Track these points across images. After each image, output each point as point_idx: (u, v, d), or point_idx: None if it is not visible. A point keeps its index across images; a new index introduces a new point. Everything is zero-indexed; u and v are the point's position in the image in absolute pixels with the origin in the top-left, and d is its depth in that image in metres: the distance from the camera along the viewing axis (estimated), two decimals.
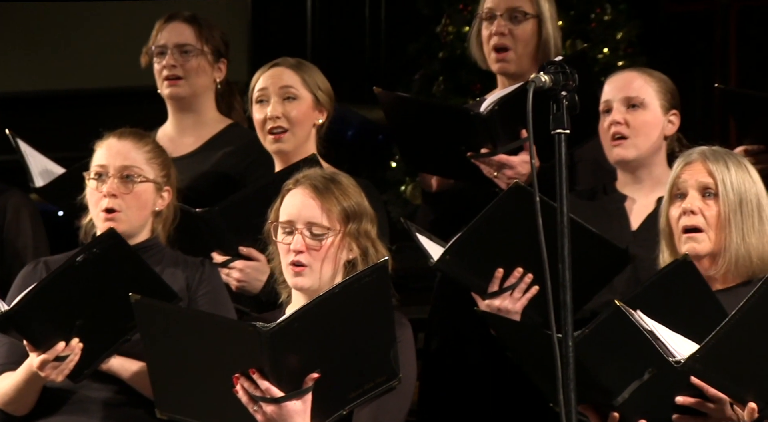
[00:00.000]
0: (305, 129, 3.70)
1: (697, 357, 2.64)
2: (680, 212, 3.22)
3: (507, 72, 3.82)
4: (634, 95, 3.57)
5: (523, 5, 3.81)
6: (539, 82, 2.60)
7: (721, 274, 3.21)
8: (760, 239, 3.19)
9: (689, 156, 3.28)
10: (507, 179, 3.56)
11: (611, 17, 6.01)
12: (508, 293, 3.35)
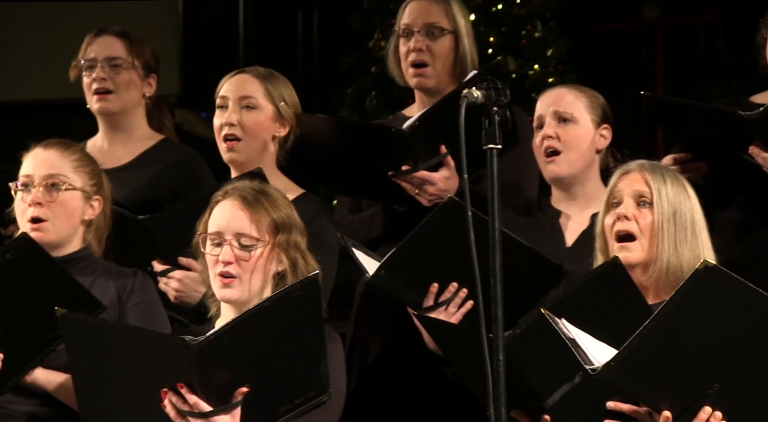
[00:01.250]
0: (260, 140, 3.67)
1: (612, 365, 2.65)
2: (614, 218, 3.26)
3: (425, 87, 3.85)
4: (564, 110, 3.61)
5: (440, 21, 3.84)
6: (471, 97, 2.61)
7: (652, 282, 3.24)
8: (692, 252, 3.22)
9: (628, 166, 3.32)
10: (429, 195, 3.58)
11: (542, 34, 6.06)
12: (443, 308, 3.37)
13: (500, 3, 6.11)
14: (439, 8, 3.85)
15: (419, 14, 3.85)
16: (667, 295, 3.22)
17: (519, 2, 6.16)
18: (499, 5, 6.09)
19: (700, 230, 3.25)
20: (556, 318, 2.81)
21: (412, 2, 3.89)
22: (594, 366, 2.68)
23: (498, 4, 6.10)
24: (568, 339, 2.76)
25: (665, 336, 2.59)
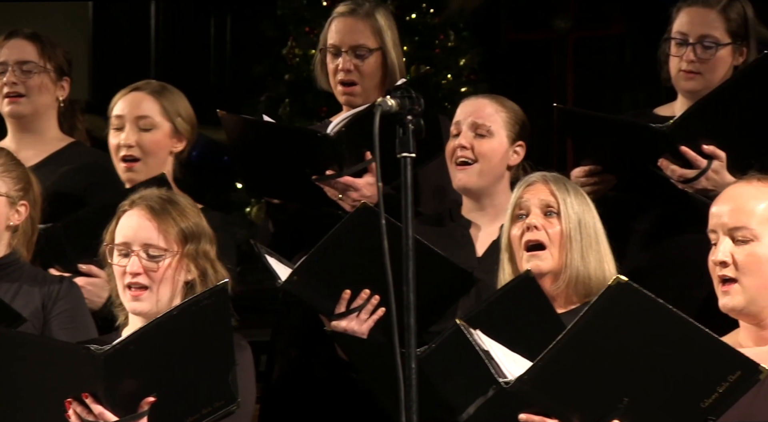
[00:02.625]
0: (159, 158, 3.66)
1: (525, 378, 2.67)
2: (523, 229, 3.29)
3: (354, 105, 3.85)
4: (482, 122, 3.63)
5: (367, 42, 3.83)
6: (386, 106, 2.62)
7: (562, 291, 3.28)
8: (597, 261, 3.27)
9: (530, 178, 3.36)
10: (352, 201, 3.58)
11: (454, 44, 6.10)
12: (354, 315, 3.36)
13: (414, 12, 6.14)
14: (365, 26, 3.83)
15: (346, 34, 3.83)
16: (575, 304, 3.28)
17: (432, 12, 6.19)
18: (413, 14, 6.12)
19: (602, 239, 3.30)
20: (471, 329, 2.82)
21: (338, 19, 3.87)
22: (507, 378, 2.70)
23: (411, 14, 6.13)
24: (482, 350, 2.78)
25: (577, 350, 2.62)
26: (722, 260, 2.90)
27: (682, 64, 3.65)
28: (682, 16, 3.68)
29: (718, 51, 3.63)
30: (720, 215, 2.95)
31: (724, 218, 2.93)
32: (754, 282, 2.89)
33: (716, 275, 2.93)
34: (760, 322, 2.93)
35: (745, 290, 2.89)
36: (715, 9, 3.64)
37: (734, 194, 2.99)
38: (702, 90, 3.67)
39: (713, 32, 3.63)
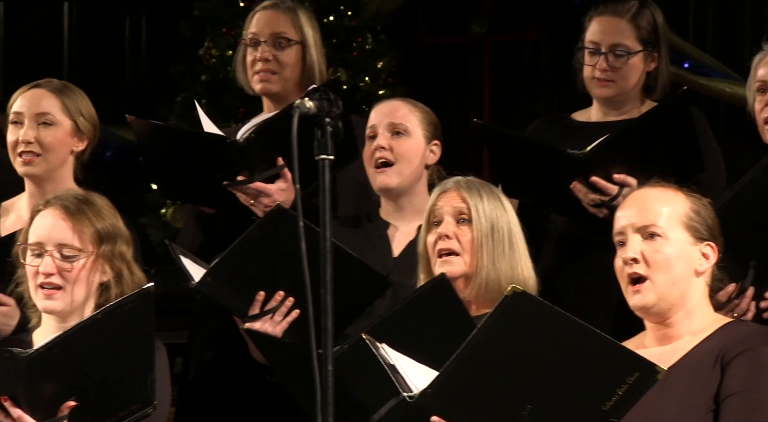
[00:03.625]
0: (59, 156, 3.59)
1: (429, 392, 2.69)
2: (436, 237, 3.32)
3: (270, 92, 3.84)
4: (399, 122, 3.66)
5: (288, 32, 3.84)
6: (304, 108, 2.61)
7: (473, 297, 3.32)
8: (509, 265, 3.31)
9: (445, 185, 3.39)
10: (263, 207, 3.57)
11: (372, 47, 6.12)
12: (268, 316, 3.36)
13: (332, 15, 6.14)
14: (287, 19, 3.84)
15: (266, 24, 3.83)
16: (488, 308, 3.30)
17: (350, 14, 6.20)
18: (331, 17, 6.12)
19: (517, 242, 3.33)
20: (377, 342, 2.83)
21: (259, 12, 3.87)
22: (411, 393, 2.71)
23: (330, 16, 6.12)
24: (388, 365, 2.79)
25: (477, 361, 2.65)
26: (633, 256, 2.95)
27: (596, 73, 3.71)
28: (593, 26, 3.74)
29: (629, 59, 3.69)
30: (627, 217, 3.00)
31: (632, 219, 2.99)
32: (663, 278, 2.94)
33: (625, 275, 2.98)
34: (666, 320, 2.98)
35: (656, 287, 2.94)
36: (625, 18, 3.70)
37: (640, 196, 3.04)
38: (615, 96, 3.73)
39: (624, 41, 3.69)
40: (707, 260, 2.99)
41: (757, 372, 2.83)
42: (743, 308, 3.27)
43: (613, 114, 3.78)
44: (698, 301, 2.99)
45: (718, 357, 2.89)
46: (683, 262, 2.96)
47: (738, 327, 2.99)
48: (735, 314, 3.25)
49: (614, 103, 3.76)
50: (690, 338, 2.97)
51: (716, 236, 3.01)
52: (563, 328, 2.61)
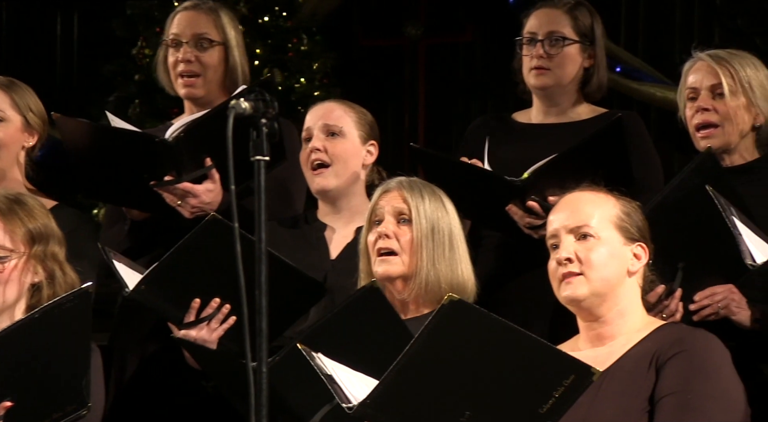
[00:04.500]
0: (11, 152, 3.57)
1: (367, 403, 2.69)
2: (376, 236, 3.33)
3: (194, 97, 3.82)
4: (333, 123, 3.66)
5: (209, 32, 3.82)
6: (239, 108, 2.60)
7: (413, 298, 3.33)
8: (449, 267, 3.32)
9: (387, 185, 3.40)
10: (191, 208, 3.55)
11: (308, 48, 6.11)
12: (204, 324, 3.34)
13: (267, 15, 6.12)
14: (208, 19, 3.82)
15: (188, 25, 3.81)
16: (427, 309, 3.32)
17: (285, 15, 6.18)
18: (266, 17, 6.10)
19: (458, 244, 3.34)
20: (312, 352, 2.82)
21: (180, 12, 3.85)
22: (350, 404, 2.71)
23: (264, 17, 6.10)
24: (325, 375, 2.79)
25: (416, 370, 2.66)
26: (566, 256, 2.99)
27: (533, 62, 3.74)
28: (530, 19, 3.79)
29: (565, 46, 3.73)
30: (560, 220, 3.04)
31: (564, 221, 3.02)
32: (597, 275, 2.98)
33: (559, 275, 3.01)
34: (599, 318, 3.01)
35: (589, 282, 2.98)
36: (561, 9, 3.76)
37: (571, 200, 3.09)
38: (552, 86, 3.77)
39: (560, 29, 3.74)
40: (639, 260, 3.03)
41: (691, 372, 2.87)
42: (672, 309, 3.32)
43: (553, 115, 3.82)
44: (631, 301, 3.03)
45: (653, 360, 2.93)
46: (615, 261, 3.00)
47: (672, 329, 3.03)
48: (664, 315, 3.30)
49: (551, 96, 3.79)
50: (624, 339, 3.01)
51: (647, 238, 3.06)
52: (499, 334, 2.64)
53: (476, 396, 2.67)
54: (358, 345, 2.98)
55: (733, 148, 3.61)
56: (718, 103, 3.60)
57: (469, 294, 3.35)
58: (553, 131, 3.74)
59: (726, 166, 3.55)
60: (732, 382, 2.91)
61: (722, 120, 3.59)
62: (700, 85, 3.63)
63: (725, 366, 2.92)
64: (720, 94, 3.60)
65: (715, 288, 3.40)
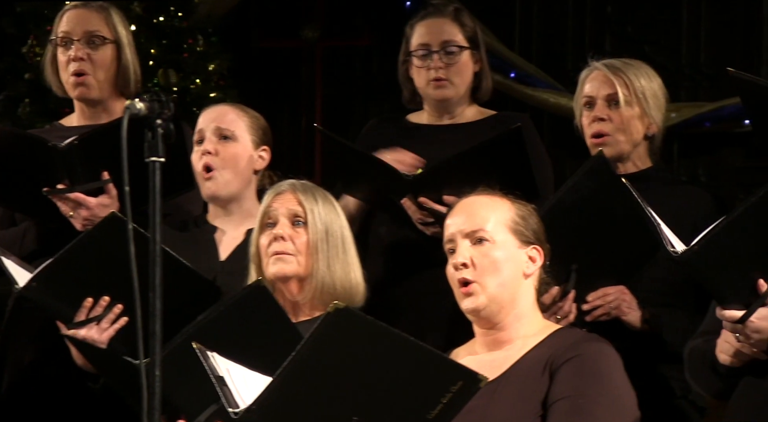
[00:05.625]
0: None
1: (253, 408, 2.69)
2: (270, 238, 3.32)
3: (87, 98, 3.77)
4: (226, 127, 3.65)
5: (101, 30, 3.78)
6: (134, 109, 2.58)
7: (308, 300, 3.33)
8: (343, 269, 3.33)
9: (279, 187, 3.39)
10: (82, 219, 3.50)
11: (203, 49, 6.06)
12: (94, 323, 3.30)
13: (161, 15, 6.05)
14: (99, 17, 3.78)
15: (79, 22, 3.76)
16: (320, 312, 3.32)
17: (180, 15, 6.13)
18: (161, 17, 6.03)
19: (349, 248, 3.36)
20: (207, 351, 2.80)
21: (70, 10, 3.80)
22: (237, 409, 2.70)
23: (159, 16, 6.04)
24: (216, 376, 2.77)
25: (302, 377, 2.66)
26: (462, 261, 3.01)
27: (431, 74, 3.77)
28: (419, 30, 3.81)
29: (461, 55, 3.76)
30: (456, 224, 3.07)
31: (460, 226, 3.05)
32: (493, 281, 3.01)
33: (456, 280, 3.03)
34: (496, 325, 3.05)
35: (486, 290, 3.01)
36: (448, 17, 3.79)
37: (467, 204, 3.12)
38: (453, 97, 3.80)
39: (453, 38, 3.78)
40: (534, 263, 3.07)
41: (583, 377, 2.92)
42: (566, 310, 3.37)
43: (446, 117, 3.85)
44: (527, 304, 3.07)
45: (547, 364, 2.97)
46: (511, 265, 3.04)
47: (567, 334, 3.07)
48: (558, 316, 3.35)
49: (448, 106, 3.83)
50: (521, 343, 3.04)
51: (542, 241, 3.10)
52: (385, 341, 2.65)
53: (363, 402, 2.68)
54: (247, 344, 2.97)
55: (626, 156, 3.69)
56: (613, 113, 3.67)
57: (361, 297, 3.37)
58: (444, 132, 3.78)
59: (620, 173, 3.62)
60: (623, 388, 2.97)
61: (617, 129, 3.67)
62: (596, 94, 3.69)
63: (617, 371, 2.97)
64: (615, 103, 3.67)
65: (607, 289, 3.47)
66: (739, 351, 2.81)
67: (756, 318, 2.75)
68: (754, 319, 2.75)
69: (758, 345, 2.76)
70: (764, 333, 2.75)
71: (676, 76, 6.20)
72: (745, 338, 2.77)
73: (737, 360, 2.82)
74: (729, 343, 2.81)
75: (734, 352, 2.81)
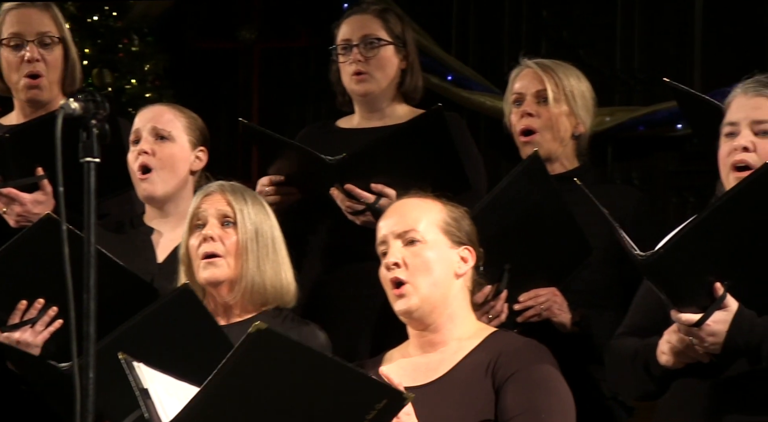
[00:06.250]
0: None
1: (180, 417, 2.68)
2: (200, 240, 3.31)
3: (39, 99, 3.74)
4: (162, 127, 3.63)
5: (51, 30, 3.75)
6: (69, 108, 2.56)
7: (239, 300, 3.32)
8: (274, 270, 3.33)
9: (208, 188, 3.39)
10: (16, 216, 3.47)
11: (139, 49, 6.02)
12: (28, 326, 3.26)
13: (96, 14, 6.01)
14: (48, 17, 3.76)
15: (29, 22, 3.73)
16: (252, 312, 3.31)
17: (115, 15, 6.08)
18: (95, 16, 5.98)
19: (280, 247, 3.36)
20: (133, 362, 2.77)
21: (14, 10, 3.77)
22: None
23: (94, 15, 5.99)
24: (140, 389, 2.74)
25: (223, 396, 2.64)
26: (394, 261, 3.03)
27: (351, 67, 3.78)
28: (342, 28, 3.84)
29: (381, 48, 3.77)
30: (388, 226, 3.09)
31: (392, 227, 3.07)
32: (425, 281, 3.02)
33: (388, 281, 3.05)
34: (429, 325, 3.06)
35: (418, 291, 3.03)
36: (371, 14, 3.81)
37: (398, 206, 3.15)
38: (374, 91, 3.81)
39: (374, 32, 3.80)
40: (466, 263, 3.09)
41: (533, 390, 2.94)
42: (498, 310, 3.40)
43: (375, 119, 3.86)
44: (460, 305, 3.09)
45: (488, 370, 2.98)
46: (443, 265, 3.05)
47: (504, 337, 3.08)
48: (490, 315, 3.37)
49: (372, 102, 3.83)
50: (456, 345, 3.06)
51: (474, 242, 3.12)
52: (307, 361, 2.65)
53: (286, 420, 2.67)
54: (174, 348, 2.95)
55: (554, 156, 3.72)
56: (542, 109, 3.72)
57: (292, 297, 3.37)
58: (374, 134, 3.78)
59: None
60: (567, 392, 3.01)
61: (545, 126, 3.71)
62: (526, 91, 3.73)
63: (559, 377, 3.01)
64: (544, 100, 3.71)
65: (539, 290, 3.50)
66: (683, 352, 2.83)
67: (712, 321, 2.77)
68: (710, 322, 2.77)
69: (712, 348, 2.79)
70: (719, 336, 2.77)
71: (610, 81, 6.27)
72: (699, 341, 2.79)
73: (679, 361, 2.85)
74: (671, 343, 2.84)
75: (677, 353, 2.84)
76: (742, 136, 2.92)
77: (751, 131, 2.92)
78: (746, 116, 2.92)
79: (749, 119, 2.92)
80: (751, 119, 2.92)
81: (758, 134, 2.91)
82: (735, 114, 2.95)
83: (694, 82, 6.08)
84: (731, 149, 2.93)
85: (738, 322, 2.76)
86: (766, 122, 2.92)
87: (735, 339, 2.77)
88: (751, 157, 2.90)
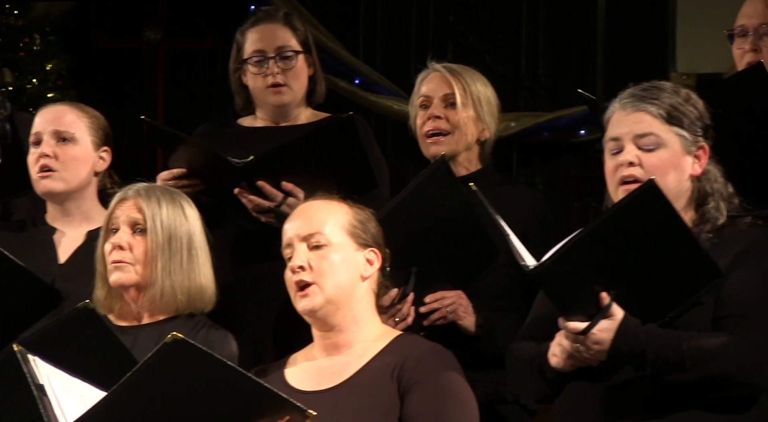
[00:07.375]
0: None
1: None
2: (111, 246, 3.27)
3: None
4: (65, 129, 3.58)
5: None
6: None
7: (147, 306, 3.29)
8: (186, 276, 3.29)
9: (125, 193, 3.35)
10: None
11: (41, 48, 5.94)
12: None
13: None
14: None
15: None
16: (162, 316, 3.28)
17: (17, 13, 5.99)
18: None
19: (197, 251, 3.32)
20: (29, 355, 2.72)
21: None
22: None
23: None
24: (36, 385, 2.69)
25: (130, 403, 2.62)
26: (299, 264, 3.03)
27: (268, 80, 3.75)
28: (251, 37, 3.79)
29: (296, 59, 3.77)
30: (293, 228, 3.09)
31: (298, 230, 3.06)
32: (330, 283, 3.03)
33: (293, 283, 3.04)
34: (334, 327, 3.06)
35: (323, 291, 3.03)
36: (280, 23, 3.79)
37: (304, 208, 3.15)
38: (292, 102, 3.80)
39: (288, 43, 3.78)
40: (372, 265, 3.10)
41: (438, 398, 2.95)
42: (404, 312, 3.40)
43: (282, 121, 3.84)
44: (365, 307, 3.09)
45: (394, 374, 2.98)
46: (348, 267, 3.05)
47: (410, 341, 3.08)
48: (396, 319, 3.38)
49: (287, 111, 3.82)
50: (361, 349, 3.06)
51: (380, 244, 3.13)
52: (218, 374, 2.63)
53: None
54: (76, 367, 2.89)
55: (457, 158, 3.75)
56: (449, 113, 3.75)
57: (209, 301, 3.34)
58: (277, 134, 3.76)
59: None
60: (471, 398, 3.02)
61: (452, 129, 3.74)
62: (434, 94, 3.76)
63: (464, 383, 3.02)
64: (452, 104, 3.75)
65: (445, 293, 3.51)
66: (573, 356, 2.87)
67: (597, 329, 2.82)
68: (596, 331, 2.82)
69: (597, 355, 2.84)
70: (604, 344, 2.83)
71: (515, 86, 6.34)
72: (585, 349, 2.84)
73: (569, 364, 2.89)
74: (562, 346, 2.88)
75: (567, 356, 2.88)
76: (626, 151, 2.96)
77: (634, 145, 2.96)
78: (629, 130, 2.97)
79: (632, 133, 2.96)
80: (634, 134, 2.96)
81: (641, 147, 2.96)
82: (617, 129, 2.99)
83: (596, 88, 6.18)
84: (617, 164, 2.97)
85: (623, 330, 2.81)
86: (648, 135, 2.96)
87: (619, 347, 2.82)
88: (637, 170, 2.95)
